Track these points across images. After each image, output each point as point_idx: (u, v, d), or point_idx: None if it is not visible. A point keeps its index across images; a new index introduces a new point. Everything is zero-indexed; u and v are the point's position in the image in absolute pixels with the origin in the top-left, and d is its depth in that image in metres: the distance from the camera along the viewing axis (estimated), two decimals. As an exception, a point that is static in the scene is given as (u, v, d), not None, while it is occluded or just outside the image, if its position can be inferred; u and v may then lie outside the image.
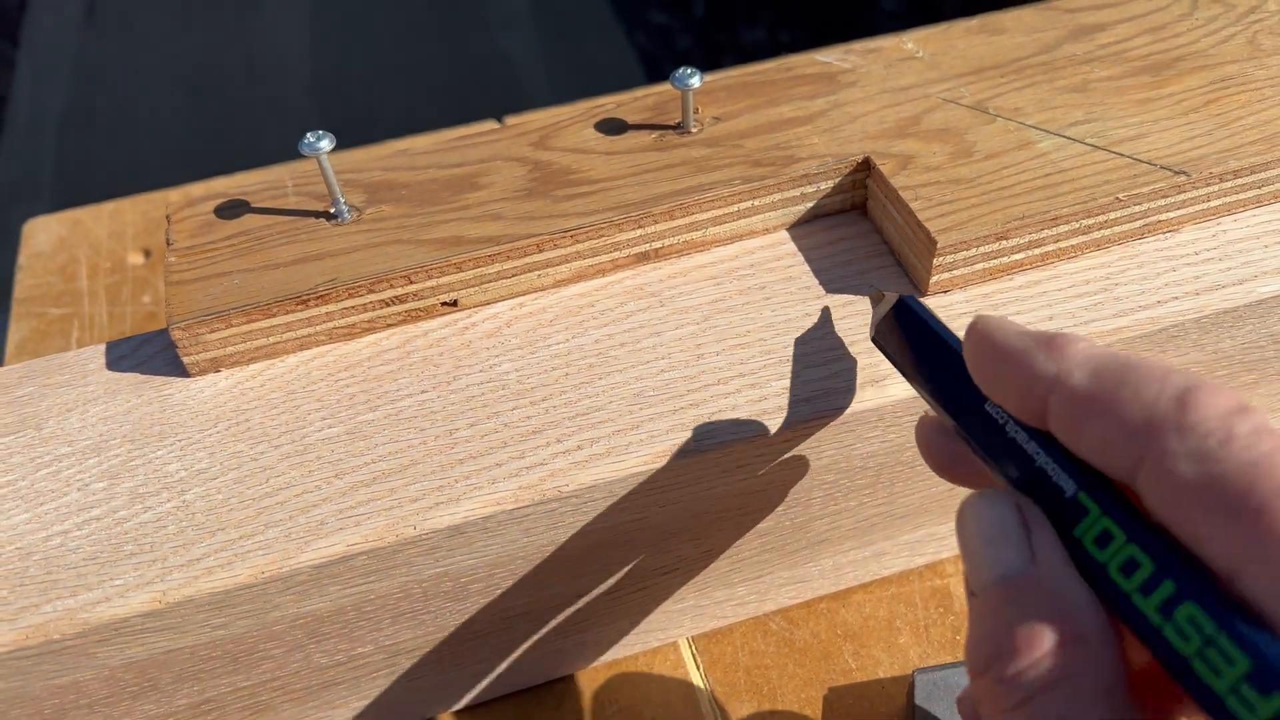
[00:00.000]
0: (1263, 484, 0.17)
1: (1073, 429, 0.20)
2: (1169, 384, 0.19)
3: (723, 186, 0.31)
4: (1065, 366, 0.20)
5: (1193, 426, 0.18)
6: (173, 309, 0.29)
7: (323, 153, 0.30)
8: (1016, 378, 0.21)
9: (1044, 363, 0.20)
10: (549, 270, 0.31)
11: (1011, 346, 0.21)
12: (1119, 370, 0.19)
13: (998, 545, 0.20)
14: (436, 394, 0.29)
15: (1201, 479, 0.17)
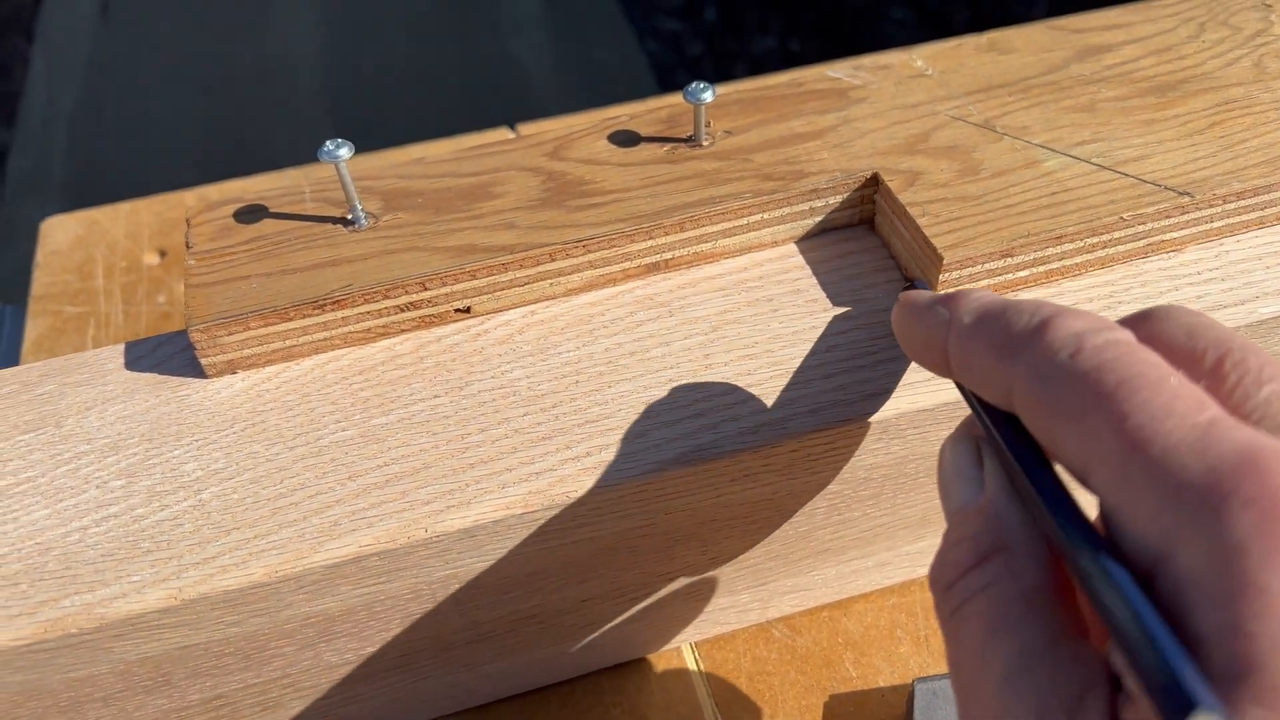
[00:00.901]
0: (1106, 379, 0.19)
1: (962, 367, 0.22)
2: (1037, 313, 0.21)
3: (733, 200, 0.32)
4: (957, 314, 0.23)
5: (1046, 344, 0.20)
6: (192, 311, 0.30)
7: (342, 160, 0.30)
8: (921, 331, 0.24)
9: (940, 313, 0.23)
10: (561, 279, 0.32)
11: (919, 304, 0.24)
12: (998, 307, 0.22)
13: (957, 480, 0.23)
14: (449, 399, 0.30)
15: (1050, 391, 0.20)
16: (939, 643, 0.35)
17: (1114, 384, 0.19)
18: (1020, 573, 0.20)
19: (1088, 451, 0.19)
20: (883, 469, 0.31)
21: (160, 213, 0.52)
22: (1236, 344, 0.20)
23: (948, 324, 0.23)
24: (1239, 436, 0.17)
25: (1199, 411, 0.18)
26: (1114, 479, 0.18)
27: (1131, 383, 0.19)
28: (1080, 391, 0.19)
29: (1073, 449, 0.19)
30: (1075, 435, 0.19)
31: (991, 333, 0.22)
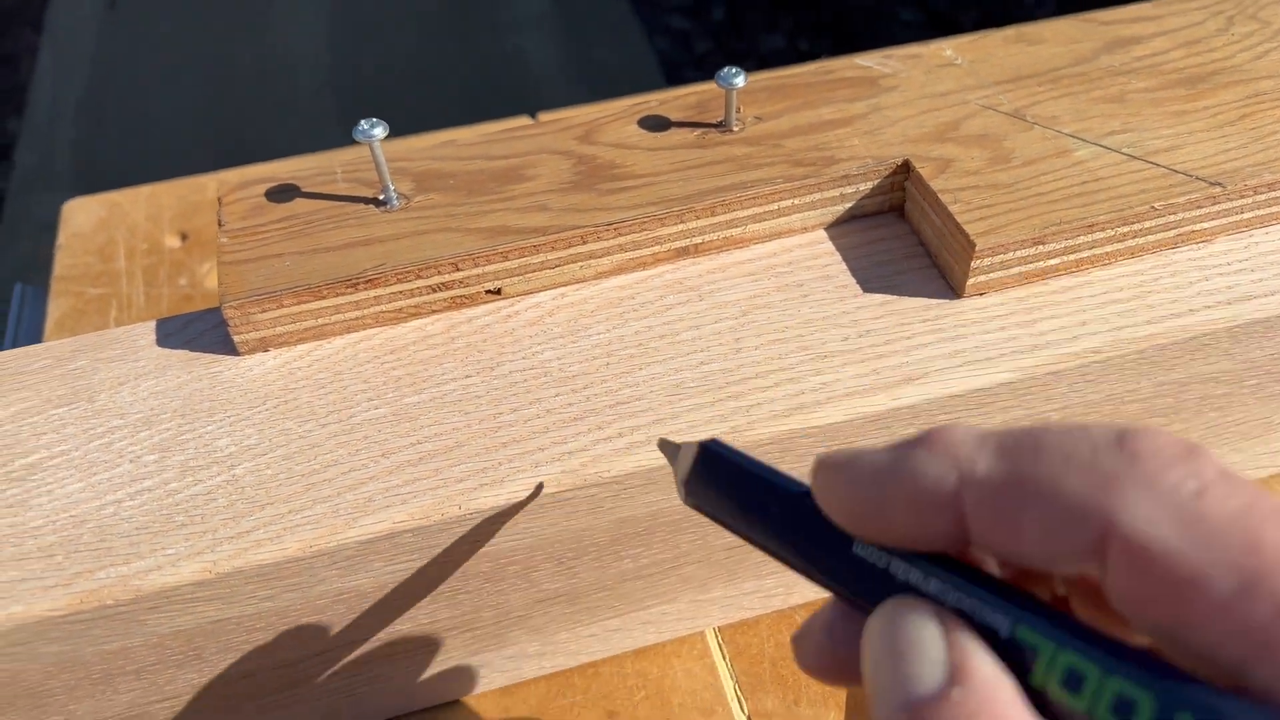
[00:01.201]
0: (1268, 539, 0.14)
1: (1005, 526, 0.16)
2: (1098, 434, 0.15)
3: (764, 185, 0.32)
4: (962, 459, 0.16)
5: (1153, 476, 0.15)
6: (225, 288, 0.30)
7: (376, 140, 0.30)
8: (900, 500, 0.17)
9: (932, 466, 0.16)
10: (591, 262, 0.32)
11: (879, 467, 0.17)
12: (1027, 438, 0.16)
13: (909, 660, 0.16)
14: (480, 379, 0.30)
15: (1184, 544, 0.14)
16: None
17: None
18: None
19: (1257, 634, 0.14)
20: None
21: (181, 196, 0.52)
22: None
23: (954, 479, 0.16)
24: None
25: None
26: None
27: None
28: (1239, 549, 0.14)
29: (1226, 628, 0.14)
30: (1234, 608, 0.14)
31: (1049, 474, 0.15)
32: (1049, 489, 0.15)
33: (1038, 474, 0.15)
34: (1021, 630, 0.15)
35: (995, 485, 0.16)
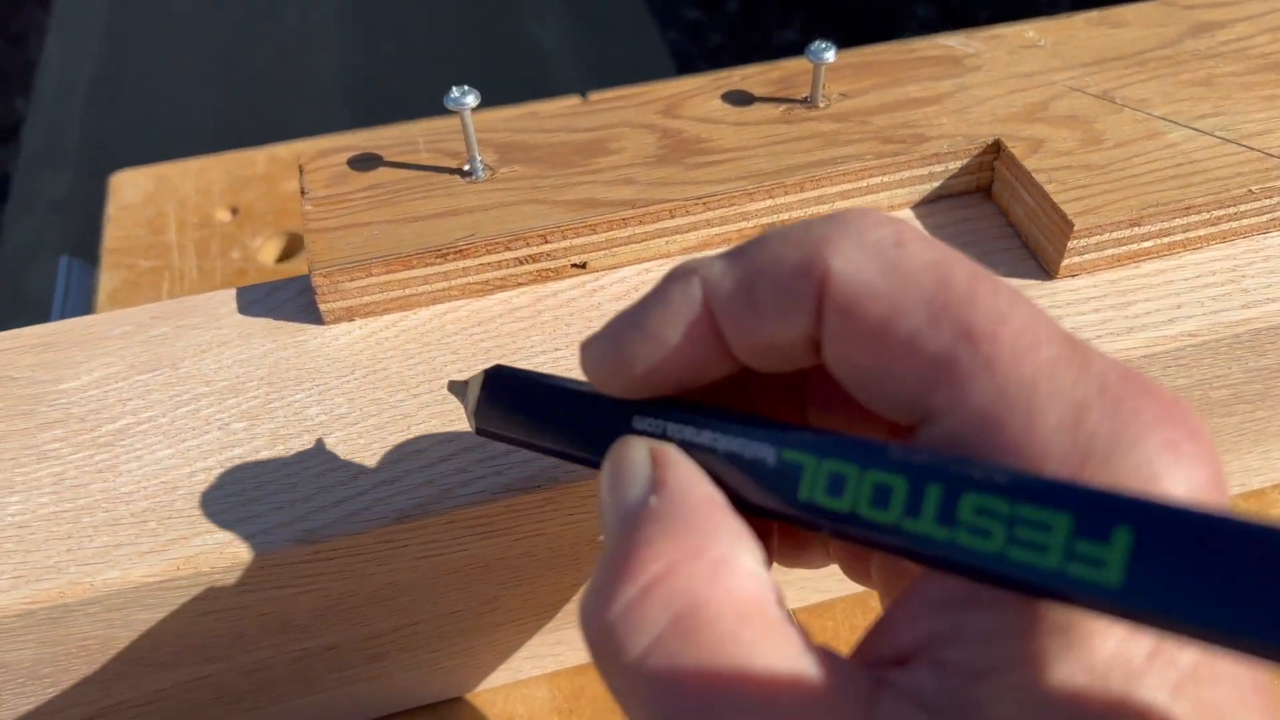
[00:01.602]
0: (956, 278, 0.16)
1: (748, 313, 0.17)
2: (812, 219, 0.17)
3: (854, 161, 0.32)
4: (702, 273, 0.18)
5: (860, 232, 0.16)
6: (314, 256, 0.29)
7: (468, 109, 0.30)
8: (659, 333, 0.18)
9: (677, 290, 0.18)
10: (677, 237, 0.32)
11: (633, 311, 0.18)
12: (753, 238, 0.18)
13: (621, 481, 0.18)
14: (569, 353, 0.29)
15: (884, 284, 0.16)
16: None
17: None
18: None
19: (958, 365, 0.15)
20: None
21: (230, 170, 0.52)
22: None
23: (698, 301, 0.18)
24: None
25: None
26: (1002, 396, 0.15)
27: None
28: (932, 282, 0.16)
29: (923, 366, 0.16)
30: (935, 342, 0.16)
31: (769, 261, 0.17)
32: (774, 263, 0.17)
33: (764, 257, 0.17)
34: (785, 453, 0.17)
35: (733, 280, 0.17)
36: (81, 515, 0.26)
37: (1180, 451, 0.15)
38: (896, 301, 0.16)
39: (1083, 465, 0.15)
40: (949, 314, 0.16)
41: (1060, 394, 0.15)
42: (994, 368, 0.15)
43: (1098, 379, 0.15)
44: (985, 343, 0.15)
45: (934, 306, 0.16)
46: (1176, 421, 0.15)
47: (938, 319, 0.16)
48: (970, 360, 0.15)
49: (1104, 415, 0.15)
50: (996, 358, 0.15)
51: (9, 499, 0.26)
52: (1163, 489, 0.14)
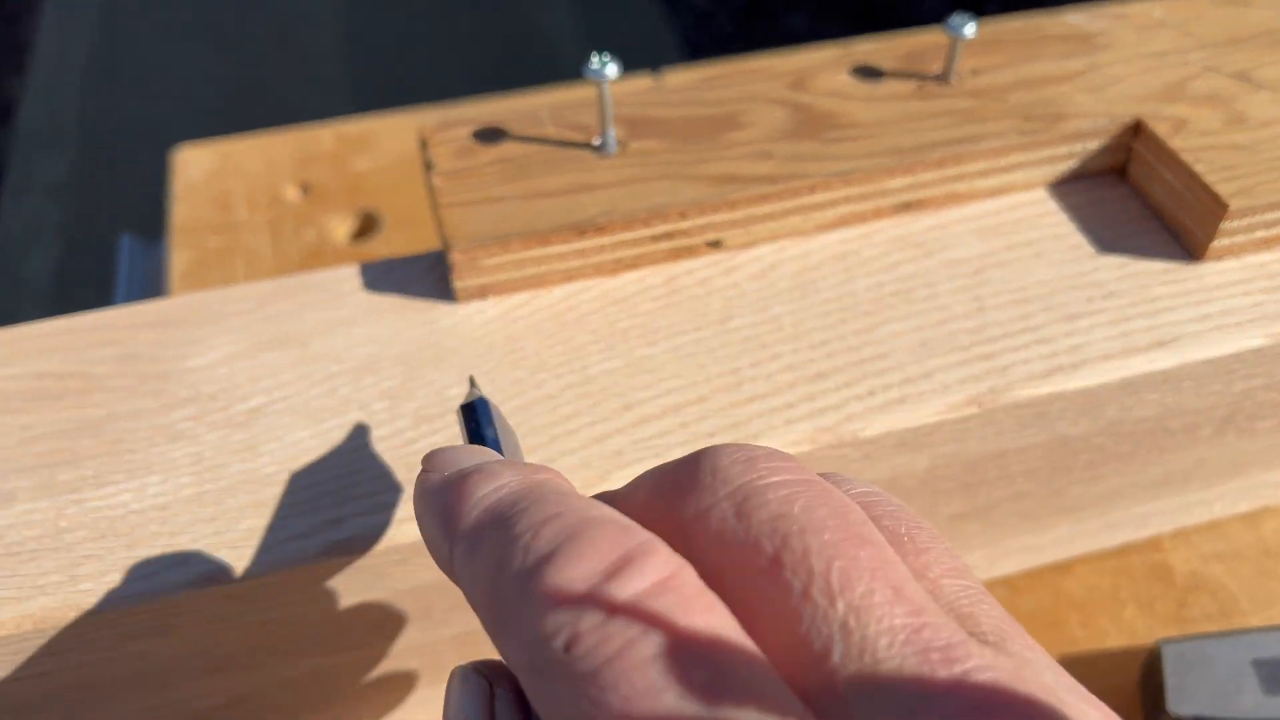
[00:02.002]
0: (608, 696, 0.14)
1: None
2: (532, 551, 0.15)
3: (996, 139, 0.31)
4: (459, 510, 0.17)
5: (539, 628, 0.14)
6: (451, 231, 0.28)
7: (608, 80, 0.29)
8: (426, 521, 0.18)
9: (447, 500, 0.17)
10: (814, 214, 0.31)
11: (432, 482, 0.18)
12: (504, 517, 0.16)
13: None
14: (711, 332, 0.29)
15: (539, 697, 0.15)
16: (1165, 607, 0.34)
17: (618, 710, 0.13)
18: None
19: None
20: (1149, 423, 0.30)
21: (297, 147, 0.50)
22: (794, 529, 0.15)
23: (451, 524, 0.17)
24: None
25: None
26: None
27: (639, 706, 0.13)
28: (561, 708, 0.14)
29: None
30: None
31: (474, 567, 0.16)
32: (479, 589, 0.16)
33: (479, 559, 0.16)
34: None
35: (459, 555, 0.17)
36: (225, 497, 0.25)
37: None
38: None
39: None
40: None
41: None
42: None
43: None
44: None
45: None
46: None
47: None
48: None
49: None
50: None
51: (148, 479, 0.25)
52: None
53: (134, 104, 1.71)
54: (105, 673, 0.25)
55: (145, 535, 0.24)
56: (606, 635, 0.14)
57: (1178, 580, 0.35)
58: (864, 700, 0.14)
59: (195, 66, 1.76)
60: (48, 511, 0.25)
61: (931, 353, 0.28)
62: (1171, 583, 0.35)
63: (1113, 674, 0.32)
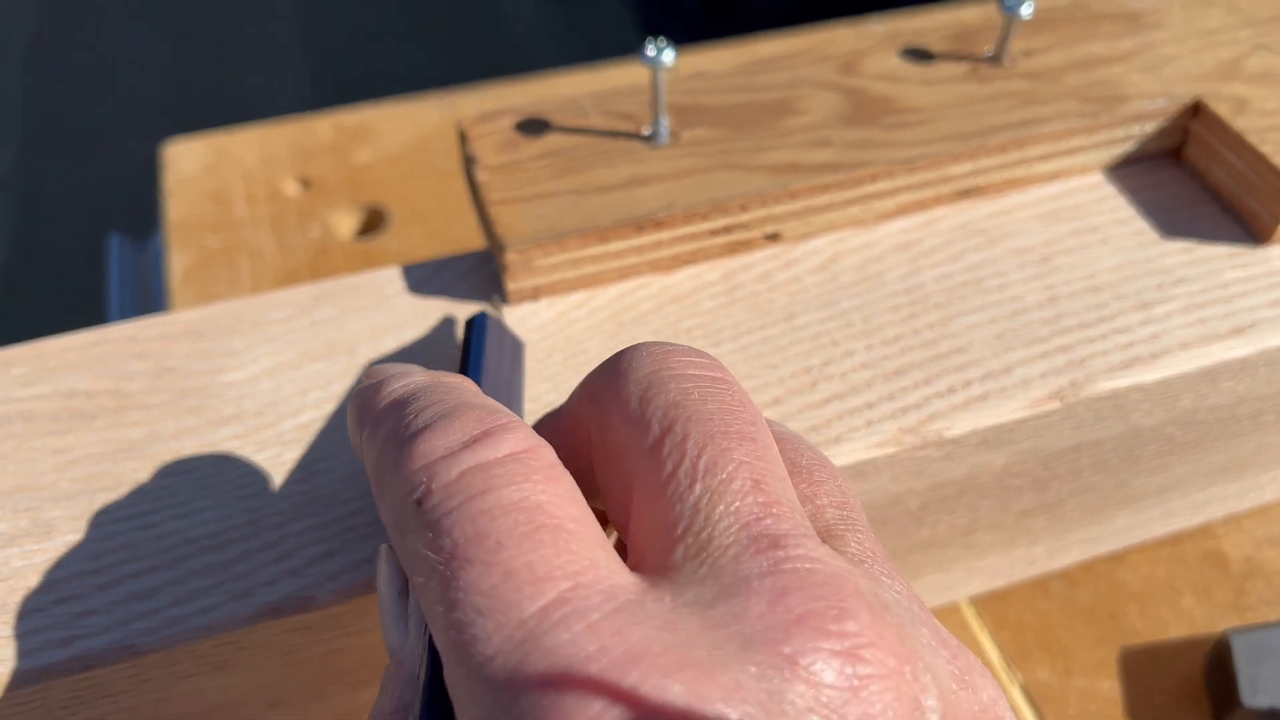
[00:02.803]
0: (443, 543, 0.15)
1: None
2: (406, 423, 0.17)
3: (1058, 121, 0.30)
4: (369, 400, 0.19)
5: (401, 478, 0.17)
6: (504, 231, 0.27)
7: (664, 67, 0.27)
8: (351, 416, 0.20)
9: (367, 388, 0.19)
10: (874, 203, 0.30)
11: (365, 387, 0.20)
12: (394, 400, 0.18)
13: (384, 615, 0.19)
14: (778, 330, 0.27)
15: (400, 548, 0.16)
16: (1221, 594, 0.34)
17: (448, 555, 0.15)
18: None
19: (429, 620, 0.16)
20: (1220, 410, 0.29)
21: (293, 140, 0.48)
22: (682, 416, 0.17)
23: (363, 413, 0.19)
24: (552, 645, 0.14)
25: (525, 603, 0.14)
26: (448, 669, 0.15)
27: (463, 552, 0.15)
28: (414, 558, 0.16)
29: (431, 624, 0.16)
30: (417, 597, 0.16)
31: (362, 432, 0.19)
32: (369, 461, 0.18)
33: (373, 439, 0.18)
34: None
35: (366, 441, 0.19)
36: (283, 522, 0.23)
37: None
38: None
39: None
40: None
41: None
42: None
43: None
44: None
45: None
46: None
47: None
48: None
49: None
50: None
51: (198, 504, 0.23)
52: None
53: (82, 95, 1.65)
54: (158, 712, 0.24)
55: (199, 566, 0.23)
56: (451, 492, 0.16)
57: (1233, 567, 0.34)
58: (689, 572, 0.15)
59: (144, 54, 1.70)
60: (90, 543, 0.23)
61: (1009, 345, 0.27)
62: (1227, 570, 0.34)
63: (1176, 665, 0.32)
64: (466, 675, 0.14)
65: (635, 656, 0.14)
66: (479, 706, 0.14)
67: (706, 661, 0.14)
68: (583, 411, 0.19)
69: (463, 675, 0.14)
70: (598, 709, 0.13)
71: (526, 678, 0.14)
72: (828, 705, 0.14)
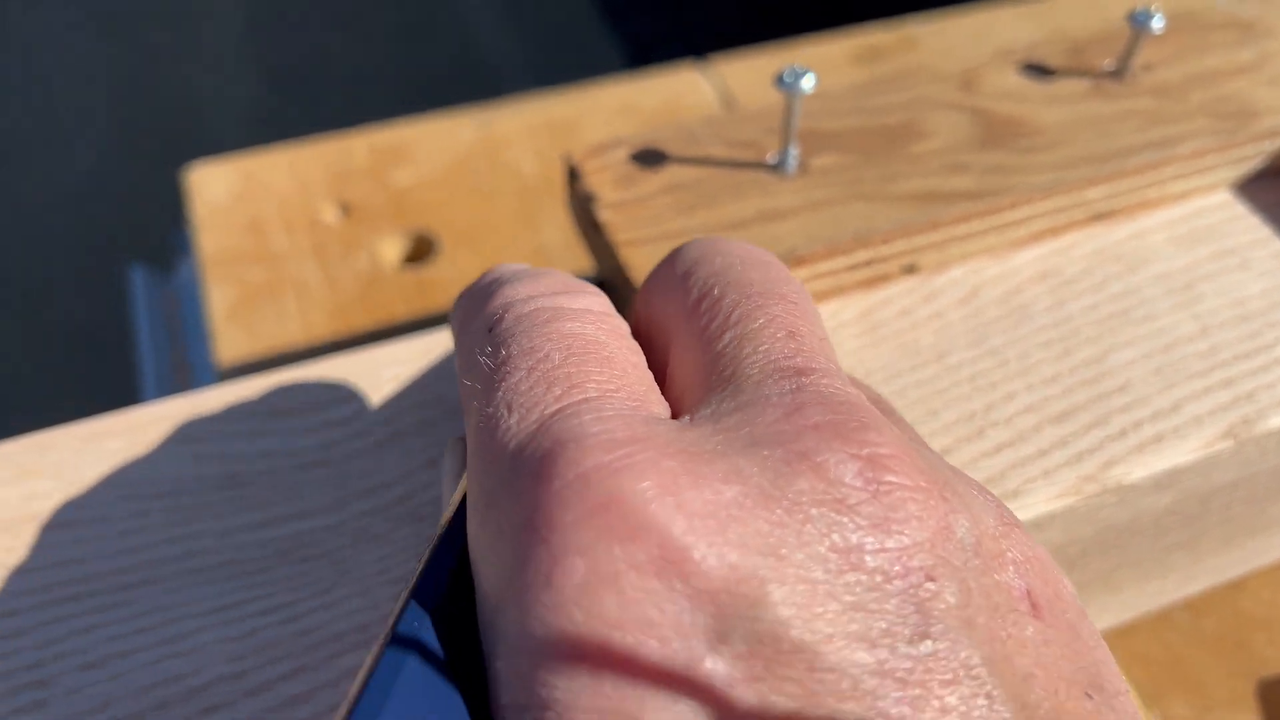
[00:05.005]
0: (499, 355, 0.16)
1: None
2: (495, 280, 0.18)
3: (1193, 140, 0.28)
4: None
5: (481, 316, 0.17)
6: (638, 276, 0.25)
7: (802, 95, 0.25)
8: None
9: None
10: (1009, 231, 0.28)
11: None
12: (486, 280, 0.19)
13: (445, 498, 0.19)
14: (931, 372, 0.26)
15: (462, 370, 0.17)
16: (1348, 617, 0.33)
17: (499, 362, 0.16)
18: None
19: (467, 434, 0.16)
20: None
21: (329, 162, 0.46)
22: (721, 281, 0.17)
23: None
24: (560, 429, 0.14)
25: (550, 401, 0.15)
26: (469, 476, 0.15)
27: (514, 361, 0.15)
28: (470, 368, 0.16)
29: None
30: (465, 419, 0.16)
31: (458, 306, 0.19)
32: (456, 321, 0.19)
33: (460, 305, 0.19)
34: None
35: (454, 311, 0.20)
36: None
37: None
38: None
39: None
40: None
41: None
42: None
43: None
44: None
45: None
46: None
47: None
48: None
49: None
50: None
51: (340, 593, 0.21)
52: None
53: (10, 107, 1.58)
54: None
55: (350, 664, 0.20)
56: (521, 316, 0.16)
57: (1354, 587, 0.33)
58: (710, 400, 0.15)
59: (75, 58, 1.63)
60: (223, 645, 0.21)
61: (1170, 381, 0.26)
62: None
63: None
64: (482, 468, 0.14)
65: (636, 439, 0.14)
66: (484, 490, 0.14)
67: (708, 451, 0.14)
68: (636, 311, 0.19)
69: (478, 468, 0.15)
70: (588, 467, 0.13)
71: (528, 455, 0.14)
72: (841, 501, 0.13)
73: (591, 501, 0.13)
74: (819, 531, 0.13)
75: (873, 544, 0.13)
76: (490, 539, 0.14)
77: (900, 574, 0.13)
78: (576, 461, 0.13)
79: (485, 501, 0.14)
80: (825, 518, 0.13)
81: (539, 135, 0.47)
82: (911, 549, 0.13)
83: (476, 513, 0.14)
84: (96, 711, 0.20)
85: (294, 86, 1.59)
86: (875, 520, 0.13)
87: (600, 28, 1.76)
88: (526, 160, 0.46)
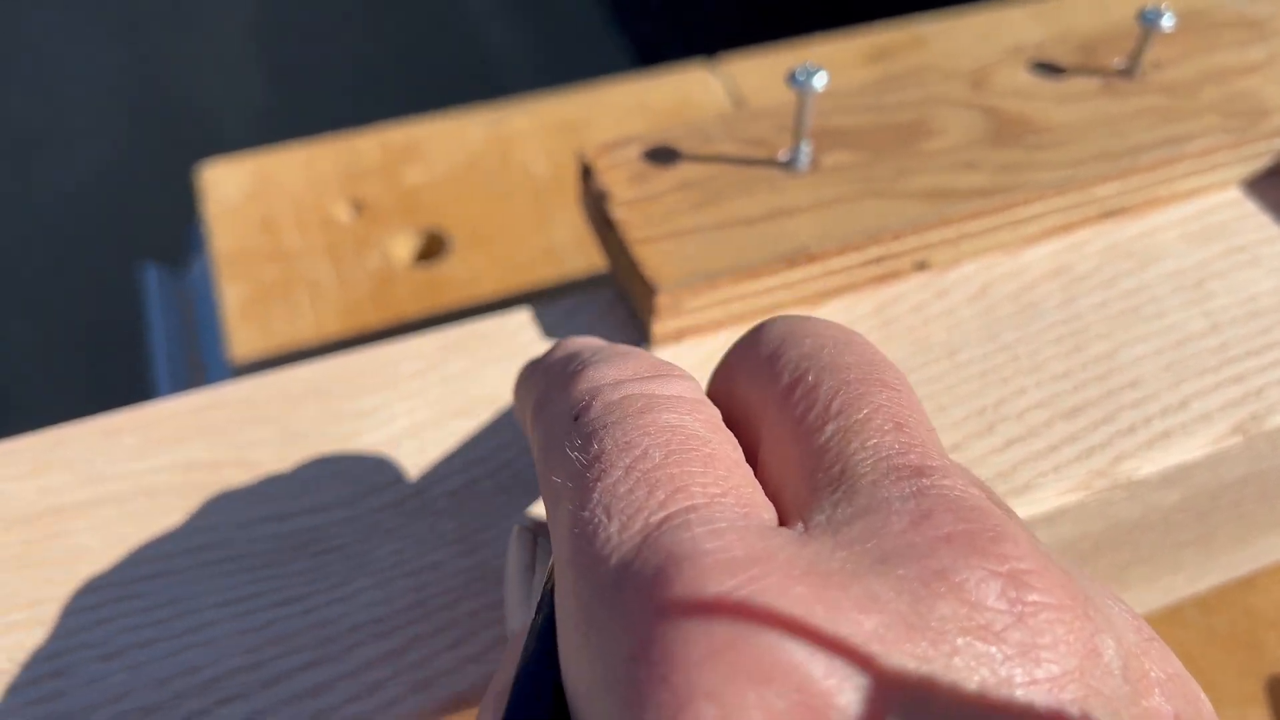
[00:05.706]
0: (591, 450, 0.15)
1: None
2: (576, 359, 0.17)
3: (1204, 138, 0.29)
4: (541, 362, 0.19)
5: (564, 399, 0.16)
6: (653, 274, 0.25)
7: (814, 92, 0.26)
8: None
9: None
10: (1021, 227, 0.28)
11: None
12: (561, 356, 0.18)
13: (509, 592, 0.18)
14: (941, 369, 0.26)
15: (543, 463, 0.16)
16: (1359, 616, 0.33)
17: (592, 458, 0.14)
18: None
19: (554, 536, 0.15)
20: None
21: (341, 160, 0.46)
22: (815, 365, 0.16)
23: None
24: (670, 542, 0.13)
25: (654, 508, 0.13)
26: (559, 586, 0.14)
27: (608, 458, 0.14)
28: (557, 464, 0.15)
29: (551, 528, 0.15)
30: (550, 516, 0.15)
31: (533, 383, 0.18)
32: (525, 398, 0.19)
33: (528, 382, 0.19)
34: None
35: (517, 385, 0.20)
36: (453, 602, 0.21)
37: None
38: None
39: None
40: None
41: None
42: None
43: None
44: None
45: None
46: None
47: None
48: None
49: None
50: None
51: (356, 584, 0.21)
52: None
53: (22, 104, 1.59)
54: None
55: (368, 655, 0.21)
56: (611, 407, 0.15)
57: (1365, 586, 0.33)
58: (821, 503, 0.14)
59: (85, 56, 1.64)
60: (243, 634, 0.21)
61: (1180, 377, 0.26)
62: (1360, 589, 0.33)
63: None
64: (576, 578, 0.13)
65: (756, 558, 0.12)
66: (582, 605, 0.13)
67: (836, 571, 0.13)
68: (716, 389, 0.18)
69: (572, 578, 0.13)
70: (710, 596, 0.12)
71: (635, 572, 0.13)
72: (986, 628, 0.12)
73: (718, 638, 0.12)
74: (966, 665, 0.12)
75: (1022, 676, 0.12)
76: (591, 662, 0.13)
77: (1052, 713, 0.12)
78: (695, 586, 0.12)
79: (584, 619, 0.13)
80: (971, 648, 0.12)
81: (550, 134, 0.47)
82: (1062, 679, 0.12)
83: (574, 630, 0.13)
84: (114, 701, 0.20)
85: (305, 86, 1.59)
86: (1023, 648, 0.12)
87: (609, 28, 1.76)
88: (537, 159, 0.46)
